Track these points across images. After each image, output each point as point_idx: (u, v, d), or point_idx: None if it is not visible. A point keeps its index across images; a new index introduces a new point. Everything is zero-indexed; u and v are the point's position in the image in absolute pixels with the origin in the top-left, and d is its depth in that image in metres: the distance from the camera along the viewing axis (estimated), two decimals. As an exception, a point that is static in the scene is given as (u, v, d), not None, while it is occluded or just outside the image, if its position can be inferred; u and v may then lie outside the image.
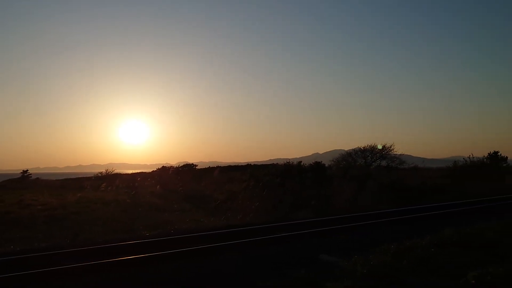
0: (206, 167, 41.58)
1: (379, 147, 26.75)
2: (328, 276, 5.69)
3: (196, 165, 35.48)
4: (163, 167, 32.79)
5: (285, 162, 20.96)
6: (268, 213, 13.33)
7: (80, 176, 37.17)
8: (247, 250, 7.76)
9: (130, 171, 40.27)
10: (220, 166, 39.07)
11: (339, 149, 41.81)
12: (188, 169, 31.06)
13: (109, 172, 31.31)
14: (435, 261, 6.55)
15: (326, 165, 22.61)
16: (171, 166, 32.49)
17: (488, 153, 33.01)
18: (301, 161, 20.64)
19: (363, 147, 35.01)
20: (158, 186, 22.56)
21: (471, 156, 28.88)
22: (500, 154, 33.12)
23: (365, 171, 21.93)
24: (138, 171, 39.07)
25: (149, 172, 33.65)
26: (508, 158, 33.95)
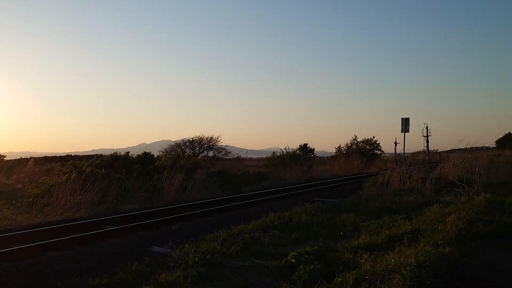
0: (18, 158, 37.01)
1: None
2: (161, 267, 5.64)
3: (4, 156, 31.30)
4: (-41, 158, 28.18)
5: (111, 153, 19.90)
6: (93, 207, 12.50)
7: None
8: (71, 248, 7.14)
9: None
10: (35, 157, 35.02)
11: (167, 140, 41.69)
12: (-7, 160, 27.13)
13: None
14: (260, 244, 7.08)
15: (155, 156, 22.27)
16: (-30, 158, 28.10)
17: (300, 145, 37.13)
18: (129, 152, 19.81)
19: (192, 139, 35.74)
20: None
21: (287, 147, 31.96)
22: (309, 146, 37.62)
23: (193, 162, 22.33)
24: None
25: None
26: (315, 149, 38.82)
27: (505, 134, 66.49)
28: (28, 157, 37.31)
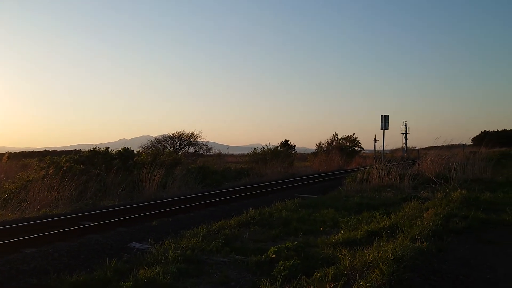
0: (-8, 153, 36.08)
1: None
2: (140, 264, 5.60)
3: (-22, 151, 30.45)
4: None
5: (90, 148, 19.62)
6: (72, 203, 12.30)
7: None
8: (49, 244, 7.01)
9: None
10: (11, 152, 34.24)
11: (147, 136, 41.35)
12: (-34, 155, 26.38)
13: None
14: (241, 240, 7.08)
15: (135, 152, 22.03)
16: None
17: (281, 142, 37.27)
18: (108, 147, 19.56)
19: (172, 134, 35.48)
20: None
21: (268, 143, 32.02)
22: (290, 143, 37.80)
23: (174, 158, 22.16)
24: None
25: None
26: (296, 146, 39.04)
27: (481, 131, 68.10)
28: (4, 152, 36.42)
